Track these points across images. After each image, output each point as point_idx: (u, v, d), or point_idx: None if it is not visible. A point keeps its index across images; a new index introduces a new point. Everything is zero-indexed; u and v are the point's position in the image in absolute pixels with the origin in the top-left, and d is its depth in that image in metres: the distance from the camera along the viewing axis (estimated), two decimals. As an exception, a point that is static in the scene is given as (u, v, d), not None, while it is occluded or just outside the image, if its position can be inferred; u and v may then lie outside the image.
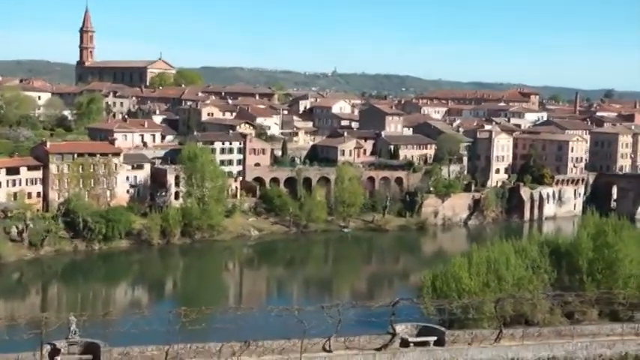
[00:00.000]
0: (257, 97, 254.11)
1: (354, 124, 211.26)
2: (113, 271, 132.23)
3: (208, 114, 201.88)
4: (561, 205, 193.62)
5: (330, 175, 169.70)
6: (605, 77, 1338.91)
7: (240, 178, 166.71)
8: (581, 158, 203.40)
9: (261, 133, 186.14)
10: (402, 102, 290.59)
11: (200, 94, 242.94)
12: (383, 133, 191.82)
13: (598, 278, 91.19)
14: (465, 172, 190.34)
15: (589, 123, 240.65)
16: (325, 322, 52.70)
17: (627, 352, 54.22)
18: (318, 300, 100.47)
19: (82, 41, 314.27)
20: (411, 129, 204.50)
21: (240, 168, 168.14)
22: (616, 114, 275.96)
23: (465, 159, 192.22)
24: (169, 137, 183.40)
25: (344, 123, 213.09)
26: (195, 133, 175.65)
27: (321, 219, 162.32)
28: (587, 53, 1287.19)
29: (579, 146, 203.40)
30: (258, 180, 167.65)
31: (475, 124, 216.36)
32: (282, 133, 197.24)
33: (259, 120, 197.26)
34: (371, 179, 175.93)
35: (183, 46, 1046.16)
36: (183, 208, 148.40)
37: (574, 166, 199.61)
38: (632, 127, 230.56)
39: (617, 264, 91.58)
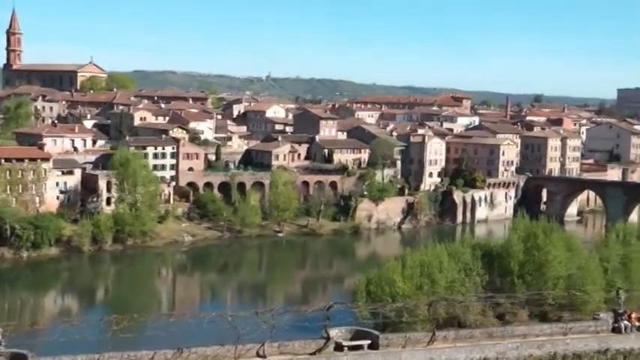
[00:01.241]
0: (190, 102, 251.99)
1: (289, 129, 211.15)
2: (42, 279, 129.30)
3: (140, 118, 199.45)
4: (493, 208, 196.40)
5: (265, 179, 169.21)
6: (535, 82, 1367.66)
7: (174, 183, 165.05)
8: (512, 162, 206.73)
9: (195, 138, 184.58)
10: (336, 106, 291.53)
11: (132, 98, 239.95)
12: (317, 138, 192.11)
13: (528, 280, 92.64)
14: (399, 176, 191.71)
15: (519, 127, 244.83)
16: (259, 327, 52.28)
17: (556, 352, 54.98)
18: (252, 305, 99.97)
19: (8, 43, 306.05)
20: (345, 133, 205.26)
21: (173, 173, 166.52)
22: (545, 118, 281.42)
23: (399, 163, 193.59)
24: (101, 142, 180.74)
25: (278, 127, 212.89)
26: (127, 137, 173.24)
27: (256, 224, 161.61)
28: (517, 59, 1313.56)
29: (510, 150, 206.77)
30: (192, 185, 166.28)
31: (408, 128, 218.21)
32: (215, 138, 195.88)
33: (192, 124, 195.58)
34: (305, 183, 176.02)
35: (114, 50, 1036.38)
36: (114, 214, 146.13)
37: (505, 170, 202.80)
38: (561, 131, 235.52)
39: (547, 266, 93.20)
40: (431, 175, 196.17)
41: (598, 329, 58.44)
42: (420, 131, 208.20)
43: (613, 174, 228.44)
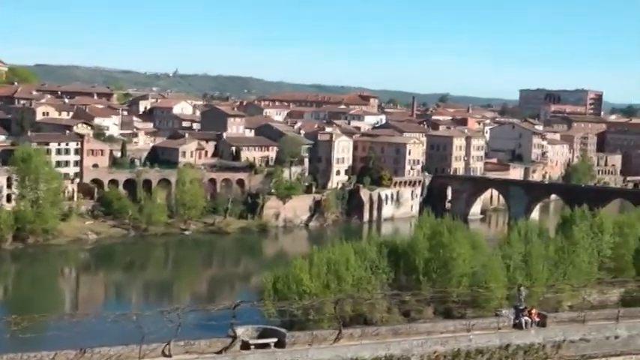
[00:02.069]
0: (95, 97, 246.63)
1: (196, 126, 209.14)
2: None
3: (43, 113, 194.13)
4: (399, 207, 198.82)
5: (171, 177, 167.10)
6: (440, 82, 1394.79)
7: (78, 180, 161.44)
8: (418, 160, 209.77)
9: (100, 134, 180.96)
10: (244, 104, 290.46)
11: (34, 92, 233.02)
12: (224, 135, 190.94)
13: (433, 277, 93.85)
14: (306, 173, 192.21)
15: (425, 126, 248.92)
16: (165, 326, 51.61)
17: (459, 348, 55.99)
18: (157, 304, 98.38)
19: None
20: (253, 131, 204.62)
21: (77, 170, 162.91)
22: (450, 118, 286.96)
23: (306, 161, 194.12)
24: (1, 137, 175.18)
25: (185, 124, 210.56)
26: (28, 133, 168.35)
27: (162, 222, 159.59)
28: (423, 58, 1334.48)
29: (416, 149, 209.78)
30: (97, 182, 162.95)
31: (316, 126, 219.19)
32: (121, 134, 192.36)
33: (97, 120, 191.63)
34: (212, 181, 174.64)
35: (15, 43, 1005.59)
36: (15, 212, 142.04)
37: (411, 168, 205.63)
38: (466, 131, 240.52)
39: (452, 263, 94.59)
40: (338, 173, 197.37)
41: (500, 325, 59.73)
42: (328, 129, 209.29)
43: (515, 173, 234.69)
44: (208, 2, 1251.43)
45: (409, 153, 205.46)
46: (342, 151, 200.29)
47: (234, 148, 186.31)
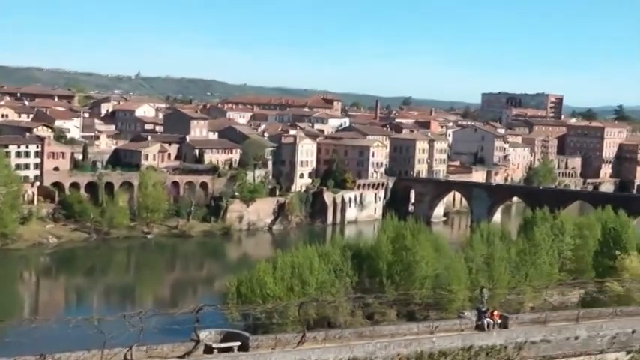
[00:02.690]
0: (56, 99, 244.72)
1: (159, 129, 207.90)
2: None
3: (2, 116, 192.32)
4: (362, 209, 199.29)
5: (134, 180, 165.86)
6: (404, 85, 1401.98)
7: (38, 184, 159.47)
8: (382, 163, 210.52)
9: (61, 137, 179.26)
10: (208, 106, 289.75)
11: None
12: (188, 138, 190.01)
13: (397, 280, 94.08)
14: (270, 176, 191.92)
15: (389, 129, 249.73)
16: (127, 331, 51.10)
17: (422, 350, 56.19)
18: (119, 309, 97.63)
19: None
20: (216, 134, 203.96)
21: (38, 173, 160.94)
22: (413, 121, 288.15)
23: (270, 164, 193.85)
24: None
25: (148, 127, 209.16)
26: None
27: (124, 225, 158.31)
28: (386, 62, 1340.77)
29: (380, 152, 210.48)
30: (58, 185, 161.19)
31: (280, 129, 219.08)
32: (82, 137, 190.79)
33: (58, 123, 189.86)
34: (175, 184, 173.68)
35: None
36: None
37: (375, 171, 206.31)
38: (429, 134, 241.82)
39: (415, 266, 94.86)
40: (302, 176, 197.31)
41: (462, 327, 60.09)
42: (292, 132, 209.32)
43: (478, 176, 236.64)
44: (172, 4, 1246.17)
45: (373, 156, 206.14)
46: (306, 154, 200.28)
47: (197, 151, 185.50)
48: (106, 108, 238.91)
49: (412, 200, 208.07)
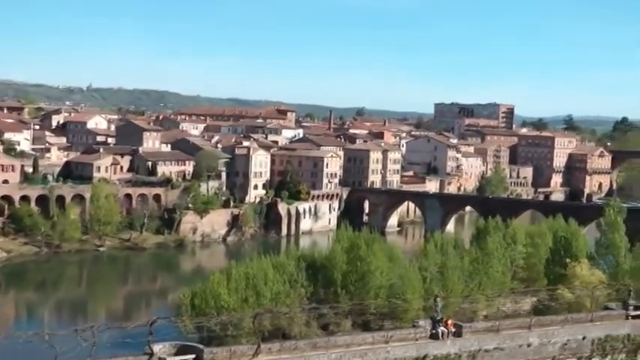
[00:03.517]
0: (5, 111, 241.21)
1: (111, 140, 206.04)
2: None
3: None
4: (317, 220, 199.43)
5: (85, 192, 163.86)
6: (357, 96, 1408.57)
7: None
8: (336, 174, 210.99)
9: (10, 149, 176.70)
10: (160, 118, 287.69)
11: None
12: (140, 150, 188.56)
13: (352, 290, 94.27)
14: (224, 188, 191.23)
15: (342, 140, 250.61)
16: (79, 345, 50.39)
17: (378, 360, 56.29)
18: (71, 323, 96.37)
19: None
20: (169, 145, 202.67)
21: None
22: (367, 132, 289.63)
23: (224, 175, 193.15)
24: None
25: (100, 139, 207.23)
26: None
27: (76, 238, 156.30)
28: (339, 73, 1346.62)
29: (334, 162, 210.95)
30: (7, 198, 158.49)
31: (233, 140, 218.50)
32: (33, 149, 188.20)
33: (7, 135, 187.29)
34: (128, 196, 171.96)
35: None
36: None
37: (329, 182, 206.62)
38: (382, 144, 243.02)
39: (369, 276, 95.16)
40: (256, 187, 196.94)
41: (417, 336, 60.24)
42: (245, 143, 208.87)
43: (431, 186, 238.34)
44: (124, 15, 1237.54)
45: (327, 166, 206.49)
46: (260, 165, 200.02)
47: (150, 163, 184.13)
48: (56, 120, 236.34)
49: (366, 210, 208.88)
